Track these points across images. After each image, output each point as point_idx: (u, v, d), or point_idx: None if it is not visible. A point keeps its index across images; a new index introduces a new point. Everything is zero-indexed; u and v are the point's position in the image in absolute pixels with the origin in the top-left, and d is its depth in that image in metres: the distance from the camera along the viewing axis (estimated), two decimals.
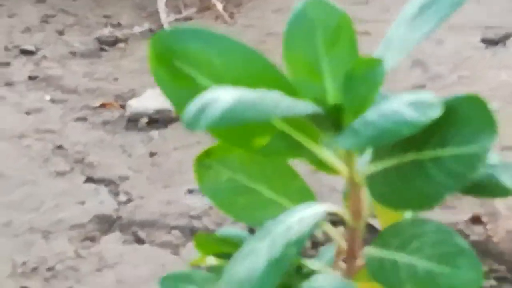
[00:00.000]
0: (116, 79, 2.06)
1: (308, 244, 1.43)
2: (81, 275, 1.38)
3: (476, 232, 1.45)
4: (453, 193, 0.51)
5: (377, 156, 0.53)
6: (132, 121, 1.87)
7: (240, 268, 0.52)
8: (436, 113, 0.48)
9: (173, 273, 0.72)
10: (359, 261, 0.62)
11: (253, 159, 0.62)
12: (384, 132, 0.48)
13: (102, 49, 2.22)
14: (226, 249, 0.64)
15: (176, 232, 1.49)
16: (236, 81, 0.53)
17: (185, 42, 0.55)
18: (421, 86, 1.93)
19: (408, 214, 0.64)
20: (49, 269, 1.39)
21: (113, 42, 2.24)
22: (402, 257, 0.54)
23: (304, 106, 0.49)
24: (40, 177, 1.65)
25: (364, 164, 0.55)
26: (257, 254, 0.52)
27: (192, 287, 0.70)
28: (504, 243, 1.42)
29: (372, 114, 0.49)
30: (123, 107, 1.92)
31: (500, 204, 1.51)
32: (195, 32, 0.55)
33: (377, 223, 0.66)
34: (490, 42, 2.16)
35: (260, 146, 0.55)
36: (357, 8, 2.27)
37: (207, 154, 0.62)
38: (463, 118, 0.50)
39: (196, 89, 0.54)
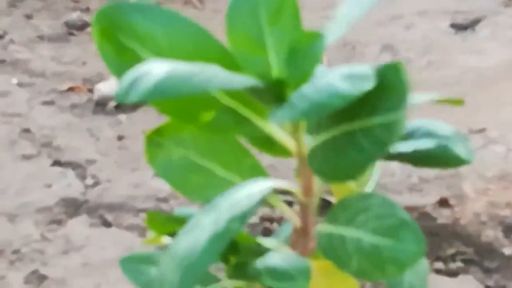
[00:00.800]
0: (84, 63, 2.05)
1: (275, 226, 1.43)
2: (47, 258, 1.38)
3: (444, 215, 1.46)
4: (377, 160, 0.52)
5: (317, 129, 0.54)
6: (100, 105, 1.86)
7: (183, 242, 0.52)
8: (368, 85, 0.48)
9: (133, 254, 0.71)
10: (314, 238, 0.63)
11: (205, 137, 0.62)
12: (318, 105, 0.48)
13: (70, 34, 2.20)
14: (179, 227, 0.64)
15: (143, 215, 1.49)
16: (179, 56, 0.53)
17: (129, 16, 0.55)
18: None
19: (368, 188, 0.65)
20: (15, 251, 1.39)
21: (82, 27, 2.23)
22: (349, 232, 0.55)
23: (243, 80, 0.49)
24: (7, 160, 1.65)
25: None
26: (201, 229, 0.52)
27: (153, 268, 0.70)
28: (471, 226, 1.43)
29: (308, 88, 0.49)
30: (91, 91, 1.92)
31: (467, 186, 1.52)
32: (139, 6, 0.55)
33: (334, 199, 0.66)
34: (459, 27, 2.16)
35: (205, 121, 0.55)
36: None
37: (158, 132, 0.62)
38: (387, 86, 0.50)
39: (139, 63, 0.54)
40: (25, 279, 1.33)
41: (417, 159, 0.60)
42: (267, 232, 1.40)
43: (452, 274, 1.36)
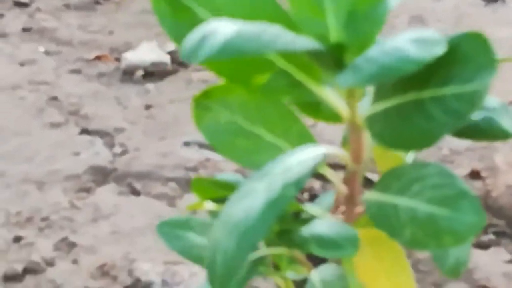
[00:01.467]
0: (111, 32, 2.04)
1: (306, 196, 1.43)
2: (76, 226, 1.38)
3: (475, 187, 1.45)
4: (452, 131, 0.51)
5: (378, 96, 0.53)
6: (128, 74, 1.85)
7: (237, 208, 0.51)
8: (440, 50, 0.47)
9: (170, 219, 0.71)
10: (359, 207, 0.62)
11: (253, 101, 0.61)
12: (387, 69, 0.47)
13: (97, 2, 2.19)
14: (224, 193, 0.63)
15: (172, 184, 1.48)
16: (236, 15, 0.52)
17: None
18: None
19: (408, 158, 0.64)
20: (44, 219, 1.39)
21: None
22: (402, 201, 0.54)
23: (306, 42, 0.48)
24: (35, 128, 1.64)
25: (365, 105, 0.54)
26: (255, 195, 0.51)
27: (190, 232, 0.70)
28: (503, 198, 1.42)
29: (374, 51, 0.48)
30: (118, 60, 1.91)
31: (499, 159, 1.50)
32: None
33: (374, 176, 0.65)
34: None
35: (259, 84, 0.54)
36: None
37: (206, 94, 0.60)
38: (464, 55, 0.49)
39: (196, 22, 0.53)
40: (54, 246, 1.33)
41: (463, 131, 0.59)
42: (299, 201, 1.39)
43: (484, 246, 1.35)
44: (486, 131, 0.58)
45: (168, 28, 0.55)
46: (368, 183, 0.67)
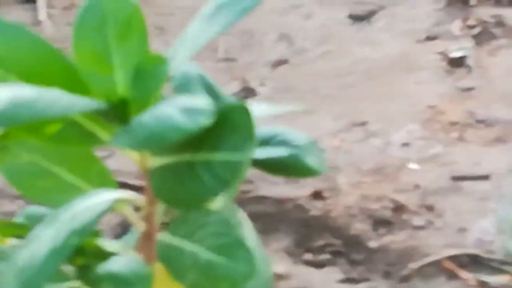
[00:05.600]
0: None
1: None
2: None
3: (317, 207, 1.49)
4: (218, 196, 0.54)
5: (161, 151, 0.55)
6: None
7: (23, 254, 0.53)
8: (206, 121, 0.50)
9: None
10: None
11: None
12: (156, 136, 0.50)
13: None
14: (25, 233, 0.65)
15: None
16: (21, 70, 0.54)
17: None
18: (285, 60, 1.96)
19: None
20: None
21: None
22: (187, 245, 0.57)
23: (85, 102, 0.50)
24: None
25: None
26: (41, 241, 0.53)
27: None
28: (341, 218, 1.47)
29: (147, 117, 0.51)
30: None
31: (342, 180, 1.56)
32: None
33: None
34: (356, 18, 2.20)
35: (51, 134, 0.56)
36: None
37: (4, 136, 0.62)
38: (231, 125, 0.53)
39: None
40: None
41: (270, 166, 0.62)
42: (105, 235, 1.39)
43: (319, 265, 1.40)
44: (293, 167, 0.62)
45: None
46: None
